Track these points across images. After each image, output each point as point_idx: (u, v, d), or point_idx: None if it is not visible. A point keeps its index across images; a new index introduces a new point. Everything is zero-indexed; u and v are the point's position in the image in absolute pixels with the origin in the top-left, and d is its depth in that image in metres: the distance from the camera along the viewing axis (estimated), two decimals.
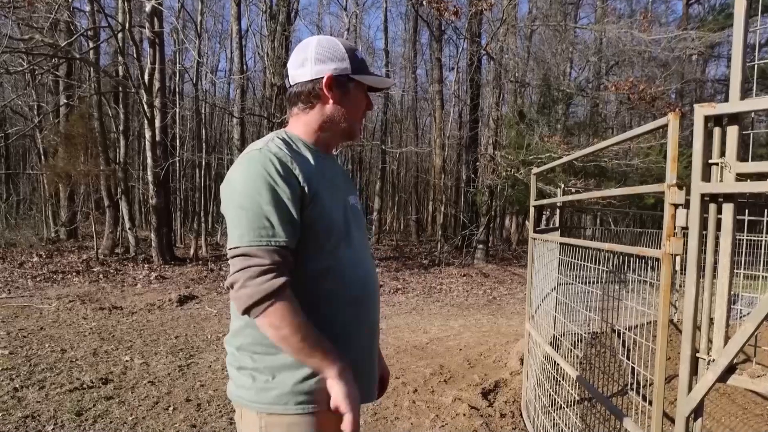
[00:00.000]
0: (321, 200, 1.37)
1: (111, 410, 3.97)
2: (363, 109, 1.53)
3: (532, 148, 13.63)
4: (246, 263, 1.26)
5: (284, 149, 1.37)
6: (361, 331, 1.47)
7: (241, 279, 1.26)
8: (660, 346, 1.93)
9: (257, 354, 1.39)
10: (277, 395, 1.35)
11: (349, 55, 1.48)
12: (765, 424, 4.68)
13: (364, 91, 1.53)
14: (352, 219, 1.50)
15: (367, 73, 1.52)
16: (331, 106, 1.48)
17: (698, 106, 1.75)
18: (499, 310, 9.26)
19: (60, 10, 11.06)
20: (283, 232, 1.28)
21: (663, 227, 1.86)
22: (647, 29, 13.04)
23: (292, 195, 1.30)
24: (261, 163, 1.30)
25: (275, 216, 1.27)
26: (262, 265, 1.25)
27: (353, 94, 1.49)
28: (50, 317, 7.00)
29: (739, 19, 1.71)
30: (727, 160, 1.74)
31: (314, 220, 1.35)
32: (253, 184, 1.28)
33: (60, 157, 13.46)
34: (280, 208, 1.28)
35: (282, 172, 1.30)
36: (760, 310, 1.64)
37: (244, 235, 1.27)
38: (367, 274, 1.50)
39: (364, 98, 1.53)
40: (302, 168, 1.36)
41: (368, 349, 1.52)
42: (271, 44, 15.32)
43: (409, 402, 4.29)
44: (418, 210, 25.60)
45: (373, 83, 1.52)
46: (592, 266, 2.88)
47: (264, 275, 1.25)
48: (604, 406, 2.69)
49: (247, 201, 1.28)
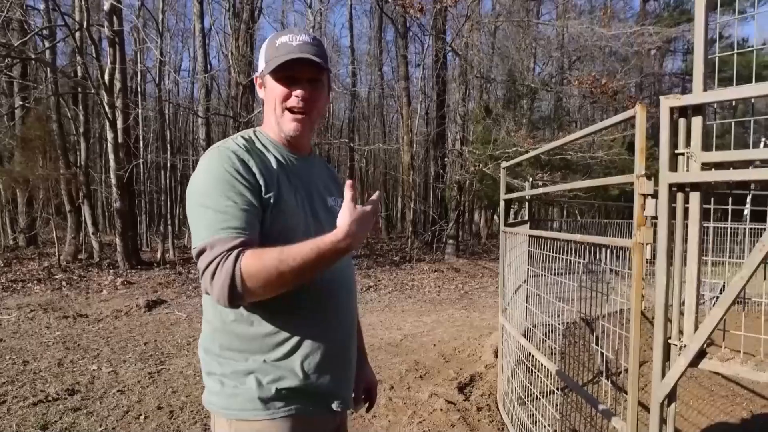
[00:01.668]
0: (281, 200, 1.33)
1: (78, 422, 3.84)
2: (279, 100, 1.42)
3: (499, 142, 13.79)
4: (210, 257, 1.21)
5: (243, 147, 1.35)
6: (330, 334, 1.42)
7: (210, 270, 1.21)
8: (633, 334, 1.97)
9: (224, 359, 1.36)
10: (245, 400, 1.32)
11: (267, 51, 1.43)
12: (730, 404, 4.85)
13: (281, 78, 1.40)
14: (326, 220, 1.44)
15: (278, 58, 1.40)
16: (264, 105, 1.48)
17: (664, 98, 1.78)
18: (471, 305, 9.34)
19: (12, 8, 10.66)
20: (242, 220, 1.24)
21: (633, 217, 1.89)
22: (607, 25, 13.33)
23: (251, 189, 1.27)
24: (219, 161, 1.29)
25: (235, 211, 1.24)
26: (221, 253, 1.20)
27: (269, 87, 1.43)
28: (10, 328, 6.73)
29: (700, 13, 1.75)
30: (693, 150, 1.78)
31: (273, 219, 1.31)
32: (213, 182, 1.26)
33: (17, 161, 12.99)
34: (239, 204, 1.25)
35: (239, 167, 1.28)
36: (728, 295, 1.69)
37: (205, 229, 1.24)
38: (338, 277, 1.46)
39: (279, 86, 1.41)
40: (261, 166, 1.33)
41: (341, 353, 1.47)
42: (236, 43, 15.11)
43: (386, 399, 4.29)
44: (387, 207, 25.63)
45: (273, 65, 1.39)
46: (563, 257, 2.93)
47: (225, 261, 1.19)
48: (579, 395, 2.74)
49: (207, 198, 1.25)
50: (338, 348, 1.45)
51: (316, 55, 1.39)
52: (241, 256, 1.19)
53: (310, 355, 1.37)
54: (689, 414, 4.54)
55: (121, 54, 12.56)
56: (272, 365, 1.34)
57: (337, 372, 1.44)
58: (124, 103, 12.65)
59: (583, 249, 2.70)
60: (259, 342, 1.34)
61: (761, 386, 5.10)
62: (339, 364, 1.46)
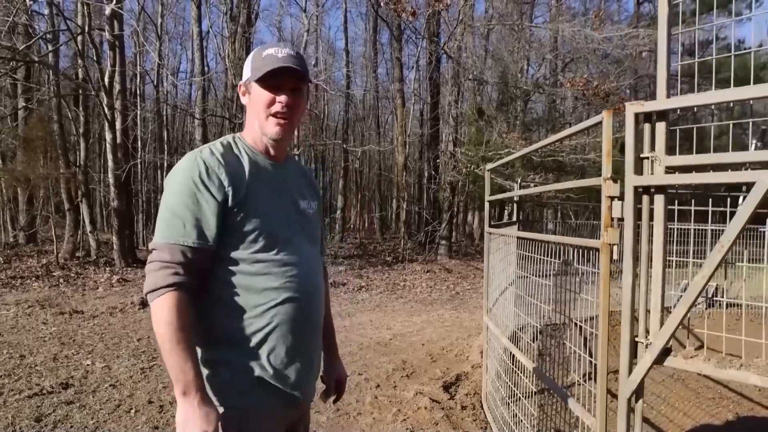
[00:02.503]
0: (252, 204, 1.43)
1: (71, 415, 3.93)
2: (263, 105, 1.50)
3: (492, 144, 13.86)
4: (154, 257, 1.36)
5: (218, 155, 1.44)
6: (296, 329, 1.50)
7: (147, 269, 1.37)
8: (602, 332, 2.03)
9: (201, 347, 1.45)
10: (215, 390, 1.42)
11: (253, 61, 1.52)
12: (717, 407, 4.91)
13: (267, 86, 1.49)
14: (298, 222, 1.56)
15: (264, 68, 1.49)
16: (247, 111, 1.57)
17: (629, 104, 1.85)
18: (462, 305, 9.41)
19: (18, 13, 10.76)
20: (194, 233, 1.36)
21: (601, 219, 1.95)
22: (599, 28, 13.42)
23: (212, 201, 1.38)
24: (189, 168, 1.40)
25: (190, 219, 1.36)
26: (164, 261, 1.34)
27: (253, 94, 1.52)
28: (8, 323, 6.83)
29: (663, 25, 1.82)
30: (657, 154, 1.85)
31: (241, 222, 1.42)
32: (179, 187, 1.39)
33: (19, 160, 13.09)
34: (196, 213, 1.37)
35: (205, 178, 1.38)
36: (690, 295, 1.76)
37: (160, 231, 1.38)
38: (305, 276, 1.53)
39: (264, 93, 1.50)
40: (232, 174, 1.42)
41: (305, 349, 1.55)
42: (232, 46, 15.19)
43: (372, 397, 4.35)
44: (381, 207, 25.70)
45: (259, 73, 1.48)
46: (546, 258, 2.98)
47: (164, 269, 1.33)
48: (554, 392, 2.79)
49: (171, 201, 1.39)
50: (303, 344, 1.54)
51: (299, 66, 1.49)
52: (173, 290, 1.33)
53: (275, 349, 1.46)
54: (674, 416, 4.60)
55: (121, 57, 12.68)
56: (239, 357, 1.44)
57: (300, 366, 1.52)
58: (123, 105, 12.77)
59: (560, 250, 2.76)
60: (229, 334, 1.44)
61: (749, 389, 5.16)
62: (303, 358, 1.54)
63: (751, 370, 1.68)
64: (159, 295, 1.32)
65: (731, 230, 1.63)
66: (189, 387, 1.30)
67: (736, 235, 1.63)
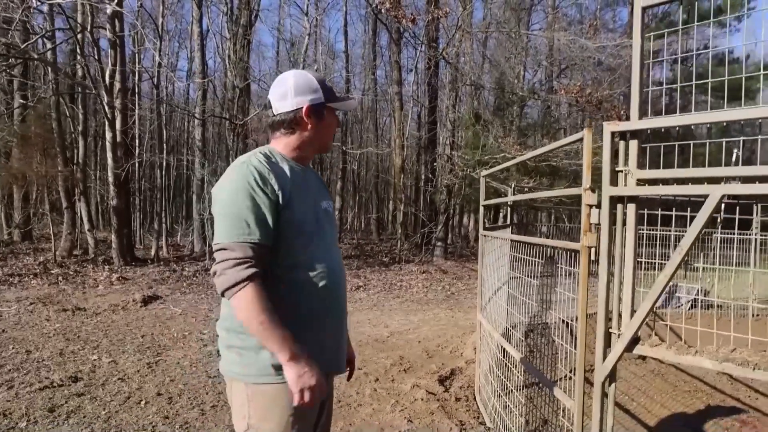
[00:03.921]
0: (294, 205, 1.67)
1: (83, 406, 4.11)
2: (334, 129, 1.86)
3: (488, 148, 14.13)
4: (224, 256, 1.57)
5: (264, 163, 1.67)
6: (330, 314, 1.78)
7: (220, 268, 1.57)
8: (580, 326, 2.30)
9: (243, 334, 1.68)
10: (260, 369, 1.65)
11: (321, 86, 1.79)
12: (691, 398, 5.19)
13: (334, 113, 1.84)
14: (325, 220, 1.82)
15: (336, 99, 1.83)
16: (309, 131, 1.80)
17: (606, 124, 2.12)
18: (457, 305, 9.67)
19: (17, 10, 10.93)
20: (257, 232, 1.58)
21: (581, 224, 2.22)
22: (593, 37, 13.71)
23: (268, 202, 1.61)
24: (243, 175, 1.62)
25: (252, 219, 1.58)
26: (237, 258, 1.56)
27: (326, 118, 1.81)
28: (11, 320, 6.99)
29: (637, 52, 2.09)
30: (630, 168, 2.12)
31: (288, 222, 1.65)
32: (236, 192, 1.60)
33: (15, 157, 13.23)
34: (256, 213, 1.59)
35: (260, 182, 1.61)
36: (654, 291, 2.02)
37: (225, 232, 1.59)
38: (335, 267, 1.81)
39: (335, 119, 1.85)
40: (278, 179, 1.66)
41: (338, 329, 1.83)
42: (233, 47, 15.41)
43: (371, 390, 4.60)
44: (378, 209, 25.95)
45: (342, 107, 1.86)
46: (535, 260, 3.24)
47: (238, 266, 1.55)
48: (536, 378, 3.06)
49: (231, 206, 1.59)
50: (335, 329, 1.81)
51: None
52: (252, 281, 1.54)
53: (315, 331, 1.72)
54: (652, 406, 4.88)
55: (121, 56, 12.84)
56: None
57: (336, 344, 1.82)
58: (123, 104, 12.91)
59: (551, 253, 3.02)
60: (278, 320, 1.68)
61: (722, 382, 5.46)
62: (337, 338, 1.82)
63: (704, 356, 1.95)
64: (240, 288, 1.53)
65: (689, 236, 1.90)
66: (294, 352, 1.56)
67: (693, 239, 1.89)
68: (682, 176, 1.95)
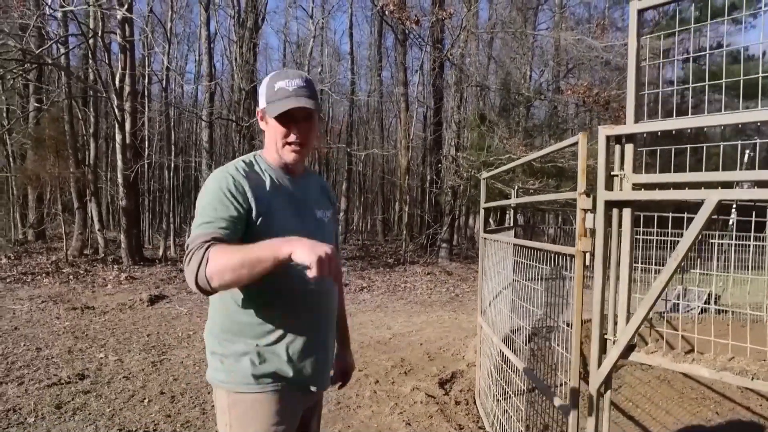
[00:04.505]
0: (273, 214, 1.63)
1: (89, 403, 4.19)
2: (282, 131, 1.67)
3: (493, 149, 14.09)
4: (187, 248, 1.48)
5: (242, 171, 1.64)
6: (312, 326, 1.72)
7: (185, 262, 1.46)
8: (575, 329, 2.27)
9: (224, 341, 1.67)
10: (240, 377, 1.64)
11: (267, 91, 1.70)
12: (698, 406, 5.14)
13: (281, 119, 1.67)
14: (315, 229, 1.74)
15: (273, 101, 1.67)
16: (266, 135, 1.76)
17: (601, 128, 2.09)
18: (460, 307, 9.63)
19: (32, 17, 11.10)
20: (220, 224, 1.52)
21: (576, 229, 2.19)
22: (601, 36, 13.63)
23: (237, 209, 1.56)
24: (218, 181, 1.60)
25: (216, 217, 1.53)
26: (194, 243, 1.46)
27: (270, 124, 1.71)
28: (23, 317, 7.11)
29: (632, 55, 2.06)
30: (625, 173, 2.09)
31: (264, 231, 1.58)
32: (209, 197, 1.58)
33: (30, 159, 13.41)
34: (222, 214, 1.54)
35: (232, 190, 1.58)
36: (650, 297, 1.99)
37: (193, 230, 1.55)
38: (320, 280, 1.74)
39: (279, 126, 1.67)
40: (255, 187, 1.63)
41: (322, 340, 1.77)
42: (240, 50, 15.47)
43: (371, 392, 4.59)
44: (384, 210, 25.95)
45: (272, 110, 1.66)
46: (535, 264, 3.21)
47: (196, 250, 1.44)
48: (535, 384, 3.03)
49: (202, 208, 1.57)
50: (318, 339, 1.75)
51: (309, 96, 1.67)
52: (211, 246, 1.44)
53: (293, 343, 1.67)
54: (657, 413, 4.83)
55: (131, 60, 12.99)
56: (263, 349, 1.64)
57: (316, 358, 1.73)
58: (132, 107, 13.05)
59: (552, 257, 2.99)
60: (253, 329, 1.65)
61: (731, 390, 5.39)
62: (318, 352, 1.74)
63: (701, 364, 1.92)
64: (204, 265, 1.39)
65: (685, 241, 1.86)
66: (284, 242, 1.37)
67: (689, 244, 1.86)
68: (678, 181, 1.91)
